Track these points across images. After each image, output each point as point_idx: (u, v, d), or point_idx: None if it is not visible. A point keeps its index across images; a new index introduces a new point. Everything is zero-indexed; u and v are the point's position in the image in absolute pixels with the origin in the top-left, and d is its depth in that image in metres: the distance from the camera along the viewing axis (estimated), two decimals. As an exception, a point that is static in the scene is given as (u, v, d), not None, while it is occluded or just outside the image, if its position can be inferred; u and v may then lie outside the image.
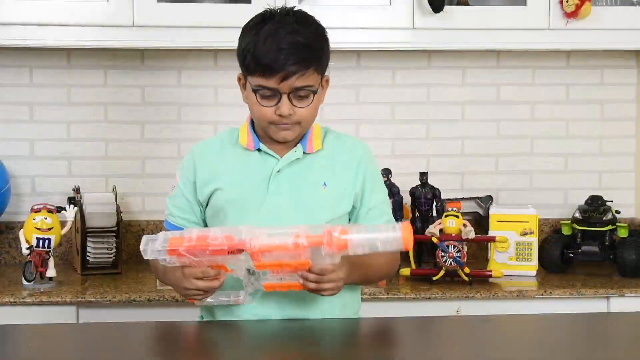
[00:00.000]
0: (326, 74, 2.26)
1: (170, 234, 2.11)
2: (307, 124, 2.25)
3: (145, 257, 2.12)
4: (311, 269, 2.07)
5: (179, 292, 2.20)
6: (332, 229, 2.05)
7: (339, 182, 2.26)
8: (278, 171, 2.24)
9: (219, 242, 2.06)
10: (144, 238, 2.13)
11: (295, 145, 2.26)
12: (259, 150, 2.26)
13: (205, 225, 2.32)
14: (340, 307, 2.25)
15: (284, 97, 2.17)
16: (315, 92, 2.20)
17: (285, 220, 2.18)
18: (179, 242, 2.07)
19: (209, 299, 2.18)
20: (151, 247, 2.10)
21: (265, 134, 2.26)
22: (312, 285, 2.09)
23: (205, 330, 2.19)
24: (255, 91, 2.19)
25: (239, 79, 2.27)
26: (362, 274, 2.23)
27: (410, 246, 2.04)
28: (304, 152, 2.26)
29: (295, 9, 2.24)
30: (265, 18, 2.21)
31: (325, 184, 2.24)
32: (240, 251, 2.05)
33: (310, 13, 2.25)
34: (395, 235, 2.03)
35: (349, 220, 2.29)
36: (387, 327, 2.16)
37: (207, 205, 2.29)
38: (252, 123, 2.30)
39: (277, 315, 2.20)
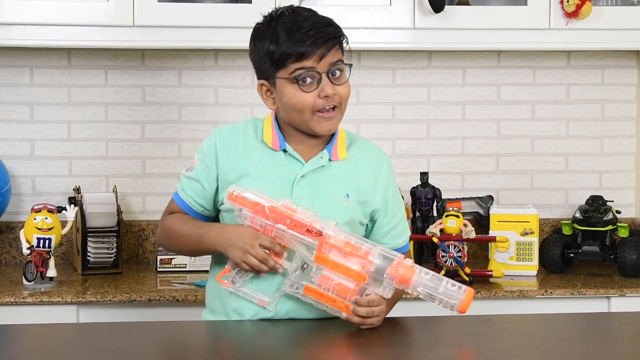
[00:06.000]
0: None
1: (264, 194, 2.14)
2: (344, 107, 2.22)
3: (226, 199, 2.16)
4: (358, 301, 2.06)
5: (229, 251, 2.14)
6: (405, 260, 2.07)
7: (361, 197, 2.22)
8: (302, 176, 2.21)
9: (304, 217, 2.09)
10: (231, 186, 2.16)
11: (322, 150, 2.24)
12: (284, 151, 2.23)
13: (217, 215, 2.30)
14: None
15: (324, 77, 2.16)
16: (348, 65, 2.20)
17: None
18: (267, 200, 2.12)
19: (239, 285, 2.16)
20: (241, 191, 2.14)
21: (306, 128, 2.21)
22: (357, 319, 2.08)
23: (206, 330, 2.19)
24: (296, 79, 2.16)
25: (260, 87, 2.23)
26: (390, 306, 2.22)
27: (464, 311, 2.04)
28: (329, 160, 2.23)
29: (297, 6, 2.23)
30: (272, 19, 2.19)
31: (347, 195, 2.21)
32: (318, 234, 2.07)
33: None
34: (454, 303, 2.03)
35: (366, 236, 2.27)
36: (388, 327, 2.16)
37: None
38: (276, 120, 2.25)
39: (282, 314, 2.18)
